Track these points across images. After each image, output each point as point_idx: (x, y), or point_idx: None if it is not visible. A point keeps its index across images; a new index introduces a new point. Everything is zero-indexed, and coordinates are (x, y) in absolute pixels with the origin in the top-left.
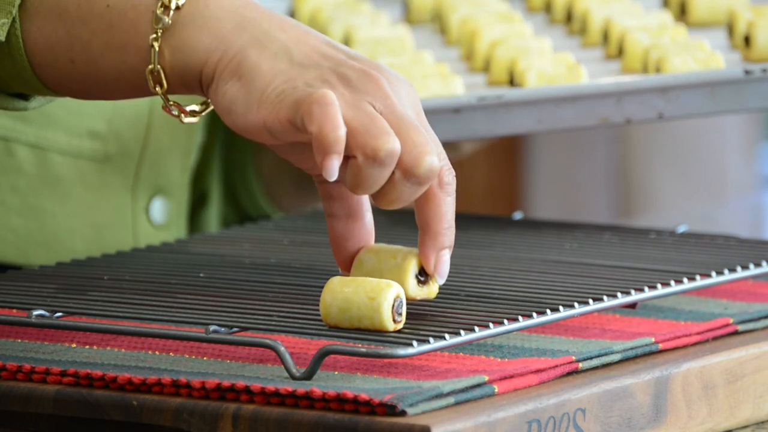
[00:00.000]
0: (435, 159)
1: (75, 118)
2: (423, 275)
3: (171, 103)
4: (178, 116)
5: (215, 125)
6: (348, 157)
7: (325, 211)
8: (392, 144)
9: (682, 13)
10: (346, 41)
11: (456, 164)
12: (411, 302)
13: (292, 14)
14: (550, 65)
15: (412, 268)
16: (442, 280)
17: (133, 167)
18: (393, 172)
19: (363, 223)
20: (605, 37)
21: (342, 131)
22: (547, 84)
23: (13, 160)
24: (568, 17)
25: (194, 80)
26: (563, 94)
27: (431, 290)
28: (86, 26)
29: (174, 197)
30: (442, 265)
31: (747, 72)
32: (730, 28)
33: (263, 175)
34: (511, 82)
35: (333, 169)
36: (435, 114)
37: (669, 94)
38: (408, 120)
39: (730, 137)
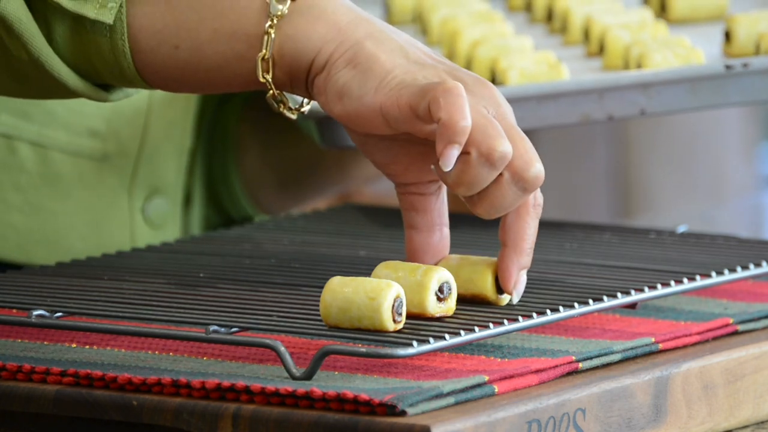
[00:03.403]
0: (542, 168)
1: (76, 117)
2: (442, 292)
3: (277, 92)
4: (279, 106)
5: (199, 127)
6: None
7: (405, 223)
8: (507, 147)
9: (662, 10)
10: None
11: None
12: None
13: None
14: (531, 64)
15: (432, 285)
16: (517, 298)
17: (131, 167)
18: (501, 175)
19: (441, 236)
20: (586, 35)
21: (469, 122)
22: (528, 82)
23: (15, 157)
24: (549, 16)
25: (303, 70)
26: (545, 92)
27: (450, 307)
28: (195, 13)
29: (169, 197)
30: (521, 283)
31: (728, 67)
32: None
33: (245, 176)
34: (493, 81)
35: (452, 158)
36: None
37: (650, 91)
38: (517, 129)
39: (730, 137)
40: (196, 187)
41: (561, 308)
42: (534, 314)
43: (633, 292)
